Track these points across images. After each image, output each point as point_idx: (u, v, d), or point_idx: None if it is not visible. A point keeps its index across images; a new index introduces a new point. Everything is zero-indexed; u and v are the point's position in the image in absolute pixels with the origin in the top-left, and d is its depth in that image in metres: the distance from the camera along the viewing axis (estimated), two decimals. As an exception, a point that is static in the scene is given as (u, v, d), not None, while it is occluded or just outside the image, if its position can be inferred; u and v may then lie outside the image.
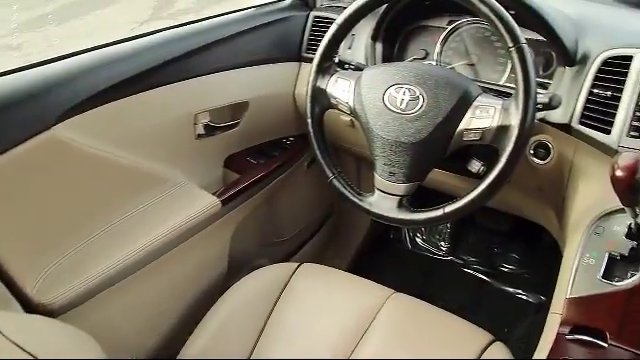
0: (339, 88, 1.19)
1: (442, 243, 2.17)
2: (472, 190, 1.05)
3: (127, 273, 1.26)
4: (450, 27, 1.43)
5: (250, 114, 1.56)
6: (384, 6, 1.41)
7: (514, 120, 1.01)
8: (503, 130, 1.03)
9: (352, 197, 1.18)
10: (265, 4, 1.67)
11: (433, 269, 2.14)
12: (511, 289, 2.01)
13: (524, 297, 1.98)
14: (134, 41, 1.35)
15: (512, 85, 1.24)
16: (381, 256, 2.19)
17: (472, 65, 1.41)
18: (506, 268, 2.06)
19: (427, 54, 1.46)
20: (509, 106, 1.03)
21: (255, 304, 1.28)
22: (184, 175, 1.45)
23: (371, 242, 2.17)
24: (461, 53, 1.42)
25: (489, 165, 1.04)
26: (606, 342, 1.01)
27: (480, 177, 1.06)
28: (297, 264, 1.36)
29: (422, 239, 2.21)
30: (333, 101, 1.20)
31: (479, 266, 2.11)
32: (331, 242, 2.13)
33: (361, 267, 2.09)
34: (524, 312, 1.91)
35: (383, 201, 1.13)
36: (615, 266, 1.06)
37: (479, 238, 2.13)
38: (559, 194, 1.26)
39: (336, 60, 1.29)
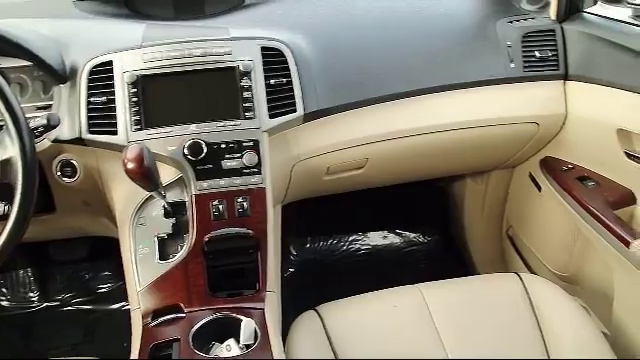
0: None
1: (31, 294, 2.04)
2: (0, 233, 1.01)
3: None
4: None
5: None
6: None
7: (13, 151, 1.00)
8: (7, 164, 1.00)
9: None
10: None
11: (30, 324, 2.00)
12: (116, 305, 2.03)
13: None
14: None
15: None
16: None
17: None
18: (104, 288, 2.06)
19: None
20: (3, 139, 1.01)
21: None
22: None
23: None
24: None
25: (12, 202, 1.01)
26: (183, 312, 1.11)
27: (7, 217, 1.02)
28: None
29: (8, 299, 2.03)
30: None
31: (80, 298, 2.06)
32: None
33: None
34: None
35: None
36: (166, 245, 1.17)
37: (64, 273, 2.07)
38: (103, 202, 1.31)
39: None
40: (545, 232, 1.72)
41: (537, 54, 1.49)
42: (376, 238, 2.22)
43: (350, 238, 2.20)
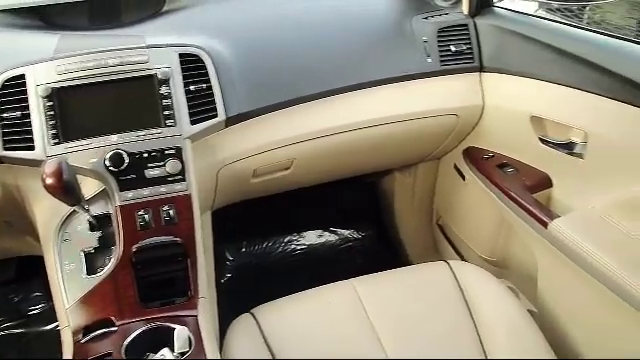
0: None
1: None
2: None
3: None
4: None
5: None
6: None
7: None
8: None
9: None
10: None
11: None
12: (50, 326, 1.97)
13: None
14: None
15: None
16: None
17: None
18: (36, 309, 2.00)
19: None
20: None
21: None
22: None
23: None
24: None
25: None
26: (115, 325, 1.09)
27: None
28: None
29: None
30: None
31: (10, 322, 1.98)
32: None
33: None
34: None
35: None
36: (93, 260, 1.14)
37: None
38: (26, 220, 1.27)
39: None
40: (472, 219, 1.78)
41: (452, 48, 1.54)
42: (311, 237, 2.23)
43: (285, 239, 2.21)
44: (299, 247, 2.21)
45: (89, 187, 1.16)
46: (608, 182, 1.33)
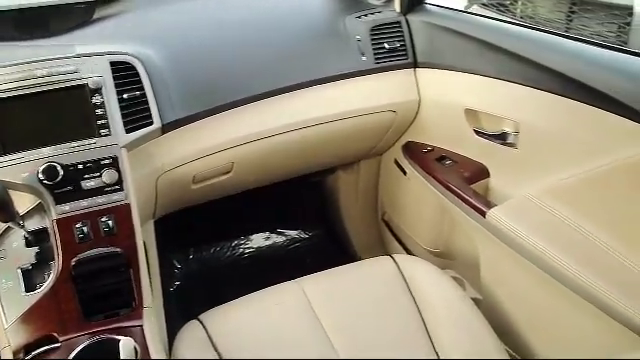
0: None
1: None
2: None
3: None
4: None
5: None
6: None
7: None
8: None
9: None
10: None
11: None
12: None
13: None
14: None
15: None
16: None
17: None
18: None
19: None
20: None
21: None
22: None
23: None
24: None
25: None
26: (58, 341, 1.06)
27: None
28: None
29: None
30: None
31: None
32: None
33: None
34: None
35: None
36: (32, 276, 1.11)
37: None
38: None
39: None
40: (415, 213, 1.82)
41: (386, 46, 1.57)
42: (259, 240, 2.23)
43: (233, 243, 2.20)
44: (247, 251, 2.21)
45: (24, 202, 1.13)
46: (541, 170, 1.37)
